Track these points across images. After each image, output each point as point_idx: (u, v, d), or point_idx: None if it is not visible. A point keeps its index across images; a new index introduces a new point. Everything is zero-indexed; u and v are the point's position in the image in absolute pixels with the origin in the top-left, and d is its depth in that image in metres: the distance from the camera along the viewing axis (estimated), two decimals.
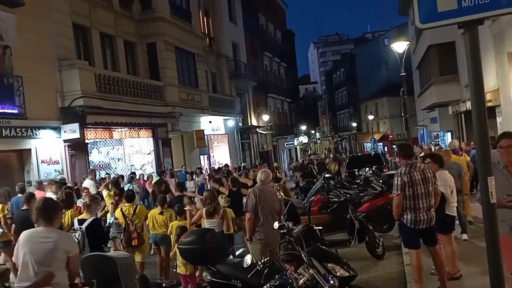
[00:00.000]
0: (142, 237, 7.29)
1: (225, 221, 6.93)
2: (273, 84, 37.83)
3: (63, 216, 6.00)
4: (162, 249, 7.72)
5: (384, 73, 50.59)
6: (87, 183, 11.65)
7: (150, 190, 12.58)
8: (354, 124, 59.29)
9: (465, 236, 7.72)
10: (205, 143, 20.91)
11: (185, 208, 7.79)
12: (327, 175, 12.36)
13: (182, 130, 19.25)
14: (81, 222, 5.90)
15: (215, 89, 24.88)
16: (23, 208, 7.31)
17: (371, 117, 49.84)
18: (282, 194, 6.01)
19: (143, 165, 17.71)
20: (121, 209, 7.53)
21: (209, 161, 22.95)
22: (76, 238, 5.50)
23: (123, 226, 7.28)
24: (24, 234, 3.80)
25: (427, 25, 2.89)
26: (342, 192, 10.53)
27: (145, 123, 16.92)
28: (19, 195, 8.60)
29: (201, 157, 21.76)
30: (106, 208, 8.78)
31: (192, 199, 8.95)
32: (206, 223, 6.88)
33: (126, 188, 11.10)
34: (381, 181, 12.33)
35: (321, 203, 10.03)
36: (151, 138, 18.06)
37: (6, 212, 8.04)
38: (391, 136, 46.54)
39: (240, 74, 27.96)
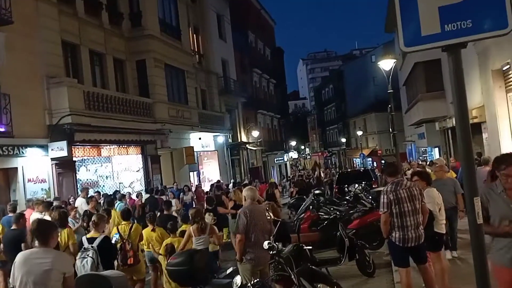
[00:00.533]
0: (137, 256, 7.23)
1: (214, 236, 7.08)
2: (262, 100, 38.10)
3: (59, 235, 6.02)
4: (159, 267, 7.64)
5: (372, 89, 51.34)
6: (80, 201, 11.54)
7: (138, 208, 12.46)
8: (343, 140, 59.81)
9: (454, 254, 7.69)
10: (194, 159, 20.92)
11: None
12: (316, 192, 12.27)
13: (172, 146, 19.21)
14: (90, 240, 6.02)
15: (204, 105, 24.96)
16: (12, 228, 7.22)
17: (359, 133, 50.44)
18: (271, 214, 5.96)
19: (131, 182, 17.57)
20: (117, 227, 7.47)
21: (199, 177, 22.86)
22: (90, 257, 5.73)
23: (119, 245, 7.21)
24: (20, 256, 3.87)
25: (411, 48, 2.93)
26: (332, 209, 10.57)
27: (134, 140, 16.86)
28: (11, 214, 8.53)
29: (191, 173, 21.68)
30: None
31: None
32: (194, 240, 6.89)
33: (118, 207, 11.02)
34: (370, 197, 12.31)
35: (311, 220, 9.98)
36: (140, 155, 17.98)
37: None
38: (379, 152, 46.91)
39: (230, 90, 28.10)
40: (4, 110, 11.74)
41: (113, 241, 6.97)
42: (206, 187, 20.53)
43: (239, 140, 29.46)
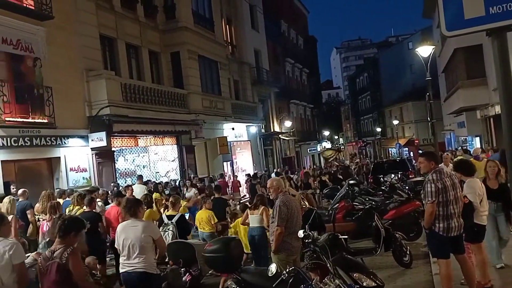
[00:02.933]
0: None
1: (265, 216, 7.45)
2: (295, 90, 37.84)
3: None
4: None
5: (409, 77, 49.70)
6: (137, 187, 12.26)
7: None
8: (378, 129, 58.38)
9: None
10: (228, 149, 21.01)
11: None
12: (351, 182, 12.28)
13: (206, 137, 19.45)
14: (169, 217, 7.72)
15: (237, 96, 25.05)
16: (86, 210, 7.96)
17: (396, 122, 48.88)
18: (306, 203, 5.94)
19: (167, 172, 17.86)
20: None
21: (232, 167, 23.04)
22: (170, 230, 7.39)
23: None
24: (119, 226, 5.22)
25: (454, 32, 2.85)
26: (367, 199, 10.56)
27: (169, 130, 17.11)
28: (68, 198, 9.63)
29: (224, 163, 21.87)
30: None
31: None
32: (252, 218, 7.58)
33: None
34: (407, 187, 12.13)
35: (346, 210, 9.95)
36: (175, 145, 18.27)
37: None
38: (417, 141, 45.62)
39: (262, 80, 28.08)
40: (47, 102, 12.22)
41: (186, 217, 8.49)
42: (240, 178, 20.65)
43: (272, 130, 29.49)
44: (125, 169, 15.89)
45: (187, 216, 9.04)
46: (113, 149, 14.71)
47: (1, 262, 3.98)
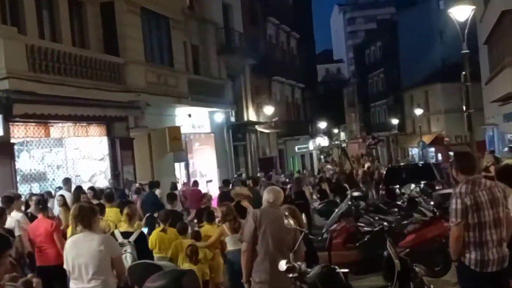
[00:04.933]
0: None
1: None
2: (280, 62, 37.83)
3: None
4: None
5: (438, 49, 50.63)
6: (66, 195, 12.57)
7: None
8: (395, 121, 58.76)
9: None
10: (182, 145, 20.90)
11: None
12: (355, 194, 12.53)
13: (150, 126, 19.27)
14: (125, 235, 7.99)
15: (197, 69, 24.76)
16: None
17: (419, 112, 49.57)
18: (291, 221, 5.98)
19: (92, 175, 17.62)
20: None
21: (188, 171, 22.89)
22: (129, 252, 7.70)
23: None
24: (69, 241, 5.71)
25: None
26: (377, 218, 10.60)
27: (97, 116, 16.80)
28: None
29: (177, 165, 21.76)
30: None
31: None
32: (229, 240, 8.34)
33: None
34: (432, 203, 12.28)
35: (347, 234, 10.11)
36: (105, 138, 18.01)
37: None
38: (447, 139, 46.56)
39: (234, 48, 27.91)
40: None
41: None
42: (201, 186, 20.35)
43: (246, 119, 29.38)
44: (31, 170, 15.55)
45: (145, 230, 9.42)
46: (12, 140, 14.35)
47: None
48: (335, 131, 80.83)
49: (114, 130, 18.03)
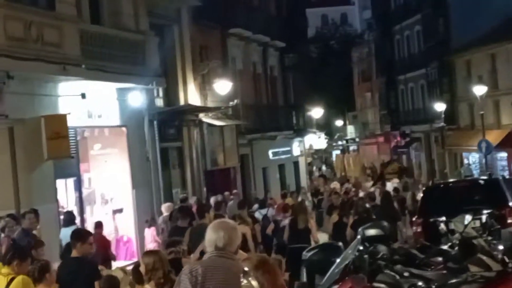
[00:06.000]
0: None
1: None
2: (242, 4, 29.22)
3: None
4: None
5: None
6: None
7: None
8: (440, 107, 39.90)
9: None
10: (69, 148, 16.58)
11: None
12: (370, 232, 10.42)
13: (12, 115, 15.70)
14: None
15: (97, 14, 19.87)
16: None
17: (481, 90, 34.98)
18: (254, 284, 5.28)
19: None
20: None
21: (79, 193, 17.86)
22: None
23: None
24: None
25: None
26: (407, 275, 9.28)
27: None
28: None
29: (60, 183, 17.31)
30: None
31: None
32: None
33: None
34: (501, 247, 9.99)
35: None
36: None
37: None
38: None
39: None
40: None
41: None
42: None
43: (183, 103, 22.66)
44: None
45: None
46: None
47: None
48: (339, 123, 59.64)
49: None
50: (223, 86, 23.70)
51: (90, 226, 15.70)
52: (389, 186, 26.78)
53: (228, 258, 5.35)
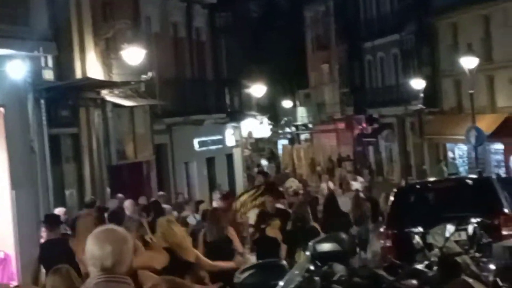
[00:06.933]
0: None
1: None
2: None
3: None
4: None
5: None
6: None
7: None
8: (418, 85, 34.43)
9: None
10: None
11: None
12: (323, 247, 7.90)
13: None
14: None
15: None
16: None
17: (470, 62, 29.08)
18: None
19: None
20: None
21: None
22: None
23: None
24: None
25: None
26: None
27: None
28: None
29: None
30: None
31: None
32: None
33: None
34: (492, 266, 8.88)
35: None
36: None
37: None
38: None
39: None
40: None
41: None
42: None
43: (81, 76, 19.75)
44: None
45: None
46: None
47: None
48: (286, 105, 51.03)
49: None
50: (133, 55, 20.34)
51: None
52: (356, 185, 23.65)
53: (120, 283, 4.43)
